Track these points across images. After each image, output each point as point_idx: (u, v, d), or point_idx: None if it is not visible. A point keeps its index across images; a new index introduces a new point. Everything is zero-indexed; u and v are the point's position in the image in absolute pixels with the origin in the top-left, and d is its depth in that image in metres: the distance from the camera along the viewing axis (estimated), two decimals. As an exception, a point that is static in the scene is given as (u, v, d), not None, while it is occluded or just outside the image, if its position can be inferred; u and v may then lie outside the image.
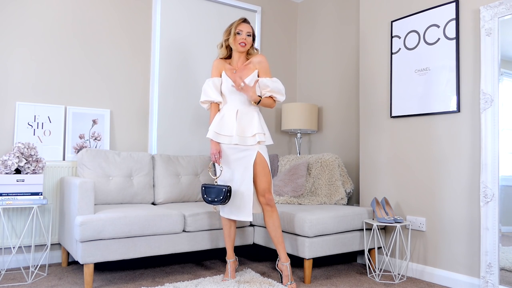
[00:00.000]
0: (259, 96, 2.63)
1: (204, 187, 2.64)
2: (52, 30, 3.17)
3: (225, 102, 2.69)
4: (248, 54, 2.75)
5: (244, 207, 2.56)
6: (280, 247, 2.59)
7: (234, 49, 2.69)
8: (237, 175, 2.60)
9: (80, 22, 3.28)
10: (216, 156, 2.61)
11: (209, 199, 2.59)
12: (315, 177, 3.40)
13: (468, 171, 2.60)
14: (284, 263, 2.59)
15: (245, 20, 2.70)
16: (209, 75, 3.81)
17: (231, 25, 2.70)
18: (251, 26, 2.72)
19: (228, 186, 2.54)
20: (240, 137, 2.57)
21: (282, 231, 2.85)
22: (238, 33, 2.65)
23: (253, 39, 2.73)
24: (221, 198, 2.53)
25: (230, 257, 2.69)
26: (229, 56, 2.77)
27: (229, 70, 2.69)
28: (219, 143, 2.62)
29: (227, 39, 2.70)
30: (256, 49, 2.77)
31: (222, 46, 2.75)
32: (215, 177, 2.66)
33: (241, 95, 2.64)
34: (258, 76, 2.67)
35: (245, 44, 2.65)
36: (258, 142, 2.58)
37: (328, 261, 3.25)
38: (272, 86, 2.64)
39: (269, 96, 2.68)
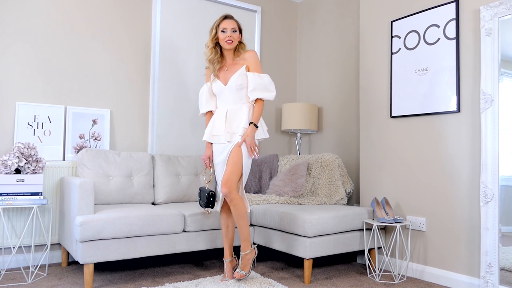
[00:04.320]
0: (251, 123, 2.56)
1: (200, 190, 2.75)
2: (52, 30, 3.17)
3: (218, 103, 2.74)
4: (236, 51, 2.71)
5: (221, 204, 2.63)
6: (240, 237, 2.57)
7: (222, 47, 2.67)
8: (220, 173, 2.62)
9: (80, 22, 3.28)
10: (206, 161, 2.72)
11: (200, 201, 2.71)
12: (315, 177, 3.40)
13: (468, 171, 2.60)
14: (241, 252, 2.57)
15: (226, 17, 2.66)
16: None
17: (214, 24, 2.68)
18: (236, 21, 2.67)
19: (211, 190, 2.65)
20: (229, 134, 2.58)
21: (282, 231, 2.87)
22: (223, 31, 2.63)
23: (240, 33, 2.69)
24: (205, 202, 2.65)
25: (227, 257, 2.66)
26: (221, 55, 2.73)
27: (221, 69, 2.69)
28: (211, 147, 2.70)
29: (213, 39, 2.66)
30: (244, 44, 2.73)
31: (208, 47, 2.70)
32: (206, 182, 2.77)
33: (230, 94, 2.64)
34: (248, 71, 2.64)
35: (232, 41, 2.62)
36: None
37: (328, 261, 3.25)
38: (256, 84, 2.58)
39: (256, 100, 2.62)
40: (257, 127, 2.59)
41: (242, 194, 2.61)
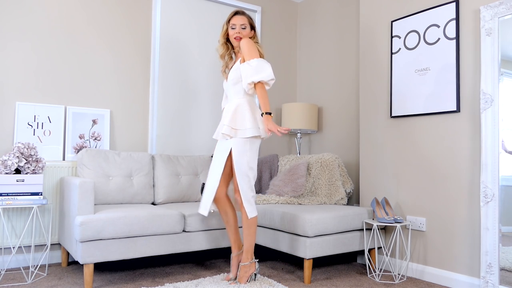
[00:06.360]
0: (265, 113, 2.45)
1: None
2: (52, 30, 3.17)
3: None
4: None
5: (203, 200, 2.58)
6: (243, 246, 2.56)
7: (232, 43, 2.66)
8: (211, 168, 2.61)
9: (80, 22, 3.28)
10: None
11: None
12: (315, 177, 3.40)
13: (468, 171, 2.60)
14: (240, 263, 2.56)
15: (237, 13, 2.63)
16: (208, 74, 3.85)
17: (226, 19, 2.67)
18: (247, 17, 2.63)
19: (203, 182, 2.73)
20: (220, 131, 2.59)
21: (282, 231, 2.87)
22: (233, 28, 2.61)
23: (253, 29, 2.63)
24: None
25: (233, 251, 2.60)
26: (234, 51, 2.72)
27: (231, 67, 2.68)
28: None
29: (224, 35, 2.67)
30: (256, 39, 2.66)
31: (220, 42, 2.70)
32: None
33: (229, 90, 2.63)
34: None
35: (240, 38, 2.59)
36: (229, 136, 2.50)
37: (328, 261, 3.25)
38: (246, 72, 2.46)
39: (256, 85, 2.48)
40: (270, 114, 2.43)
41: (253, 196, 2.53)
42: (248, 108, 2.54)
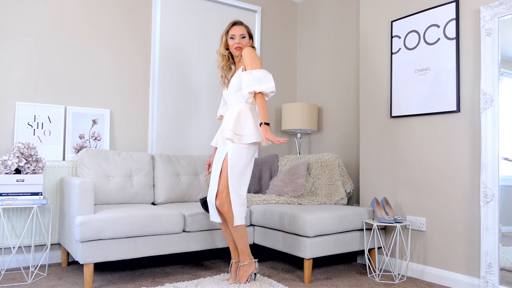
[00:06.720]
0: (263, 123, 2.45)
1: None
2: (52, 30, 3.17)
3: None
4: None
5: (210, 210, 2.59)
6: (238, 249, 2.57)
7: (233, 53, 2.69)
8: (211, 178, 2.61)
9: (81, 22, 3.28)
10: (207, 166, 2.87)
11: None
12: (315, 177, 3.40)
13: (468, 171, 2.60)
14: (239, 263, 2.57)
15: (235, 23, 2.66)
16: (208, 73, 3.85)
17: (224, 31, 2.69)
18: (245, 27, 2.67)
19: (200, 198, 2.78)
20: (222, 138, 2.59)
21: (282, 231, 2.87)
22: (232, 38, 2.63)
23: (251, 38, 2.67)
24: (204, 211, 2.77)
25: (232, 257, 2.64)
26: (233, 62, 2.75)
27: (232, 76, 2.69)
28: (214, 152, 2.75)
29: (224, 46, 2.68)
30: (255, 48, 2.70)
31: (219, 53, 2.71)
32: (207, 185, 2.83)
33: (231, 98, 2.64)
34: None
35: (241, 48, 2.62)
36: (232, 141, 2.49)
37: (328, 261, 3.25)
38: (247, 80, 2.49)
39: (255, 97, 2.52)
40: (267, 124, 2.45)
41: (241, 204, 2.49)
42: (250, 114, 2.56)
